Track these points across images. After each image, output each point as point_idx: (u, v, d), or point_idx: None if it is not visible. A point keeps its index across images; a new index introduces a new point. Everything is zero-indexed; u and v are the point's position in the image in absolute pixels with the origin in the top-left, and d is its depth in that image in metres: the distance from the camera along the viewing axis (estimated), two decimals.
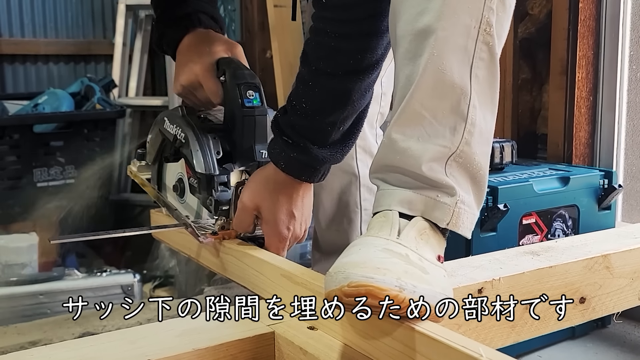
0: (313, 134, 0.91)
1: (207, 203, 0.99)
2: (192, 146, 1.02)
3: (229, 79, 1.03)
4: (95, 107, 2.21)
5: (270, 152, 0.94)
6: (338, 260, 0.72)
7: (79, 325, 1.40)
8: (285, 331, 0.79)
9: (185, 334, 0.79)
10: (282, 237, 0.96)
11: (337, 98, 0.89)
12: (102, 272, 1.68)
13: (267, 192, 0.95)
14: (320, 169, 0.94)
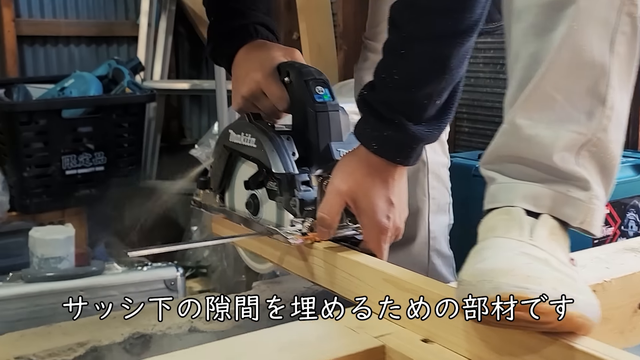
0: (408, 108, 0.81)
1: (290, 205, 0.90)
2: (266, 147, 0.93)
3: (294, 78, 0.96)
4: (125, 91, 2.11)
5: (359, 134, 0.84)
6: (471, 265, 0.64)
7: (128, 325, 1.31)
8: (398, 345, 0.70)
9: (287, 349, 0.70)
10: (382, 228, 0.85)
11: (433, 66, 0.79)
12: (143, 265, 1.59)
13: (361, 176, 0.84)
14: (417, 149, 0.84)
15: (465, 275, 0.62)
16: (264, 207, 0.99)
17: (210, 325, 1.38)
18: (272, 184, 0.93)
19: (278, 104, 0.98)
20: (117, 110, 2.10)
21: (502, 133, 0.74)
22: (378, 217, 0.84)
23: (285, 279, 1.61)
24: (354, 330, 0.74)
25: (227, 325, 1.40)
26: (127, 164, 2.18)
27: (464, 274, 0.63)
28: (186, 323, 1.35)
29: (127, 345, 1.28)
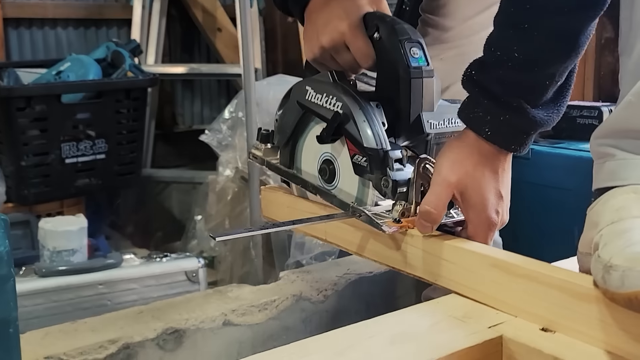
0: (528, 90, 0.73)
1: (381, 185, 0.81)
2: (356, 117, 0.83)
3: (386, 35, 0.86)
4: (126, 75, 2.01)
5: (468, 119, 0.76)
6: (620, 248, 0.58)
7: (158, 320, 1.24)
8: (516, 335, 0.65)
9: (397, 341, 0.64)
10: (492, 224, 0.78)
11: (562, 42, 0.71)
12: (162, 257, 1.51)
13: (472, 165, 0.76)
14: (532, 136, 0.77)
15: (617, 260, 0.56)
16: (341, 175, 0.89)
17: (244, 318, 1.31)
18: (361, 158, 0.84)
19: (362, 60, 0.89)
20: (119, 95, 2.00)
21: (627, 106, 0.69)
22: (488, 212, 0.77)
23: (314, 267, 1.55)
24: (461, 320, 0.69)
25: (262, 318, 1.33)
26: (129, 152, 2.09)
27: (614, 258, 0.57)
28: (219, 316, 1.28)
29: (160, 341, 1.20)
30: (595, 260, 0.60)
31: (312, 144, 0.94)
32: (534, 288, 0.67)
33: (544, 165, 1.30)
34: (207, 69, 2.47)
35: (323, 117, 0.89)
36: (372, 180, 0.83)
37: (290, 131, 0.96)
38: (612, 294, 0.56)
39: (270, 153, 1.02)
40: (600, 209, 0.69)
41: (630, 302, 0.54)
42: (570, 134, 1.38)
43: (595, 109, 1.39)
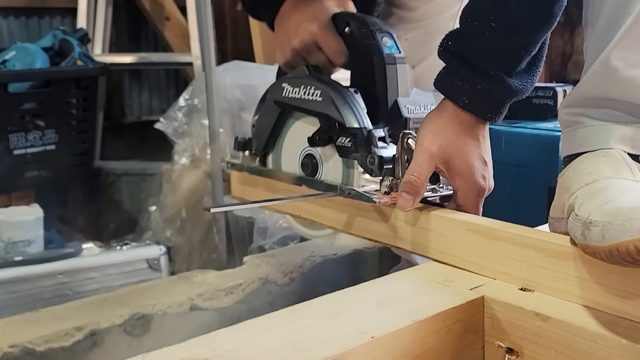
0: (504, 59, 0.75)
1: (367, 162, 0.83)
2: (336, 100, 0.85)
3: (357, 28, 0.88)
4: (75, 63, 1.96)
5: (446, 88, 0.78)
6: (599, 205, 0.60)
7: (124, 306, 1.22)
8: (497, 295, 0.67)
9: (384, 304, 0.65)
10: (480, 189, 0.79)
11: (538, 12, 0.73)
12: (123, 245, 1.49)
13: (453, 134, 0.77)
14: (507, 105, 0.79)
15: (596, 215, 0.59)
16: (325, 167, 0.91)
17: (211, 302, 1.31)
18: (345, 139, 0.86)
19: (335, 57, 0.91)
20: (69, 84, 1.94)
21: (593, 75, 0.71)
22: (475, 178, 0.79)
23: (278, 251, 1.55)
24: (442, 283, 0.71)
25: (229, 301, 1.33)
26: (80, 142, 2.04)
27: (593, 214, 0.60)
28: (186, 301, 1.28)
29: (127, 327, 1.19)
30: (573, 220, 0.63)
31: (292, 141, 0.95)
32: (512, 250, 0.69)
33: (503, 144, 1.34)
34: (157, 57, 2.43)
35: (304, 109, 0.90)
36: (357, 159, 0.84)
37: (269, 132, 0.97)
38: (592, 248, 0.58)
39: (250, 160, 1.02)
40: (571, 174, 0.71)
41: (612, 255, 0.56)
42: (527, 113, 1.42)
43: (550, 89, 1.44)
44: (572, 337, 0.59)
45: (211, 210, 0.78)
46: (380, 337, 0.59)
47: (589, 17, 0.76)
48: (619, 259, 0.56)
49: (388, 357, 0.59)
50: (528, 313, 0.63)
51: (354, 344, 0.57)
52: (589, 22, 0.76)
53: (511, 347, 0.65)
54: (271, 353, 0.56)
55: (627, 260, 0.55)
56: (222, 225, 1.49)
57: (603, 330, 0.58)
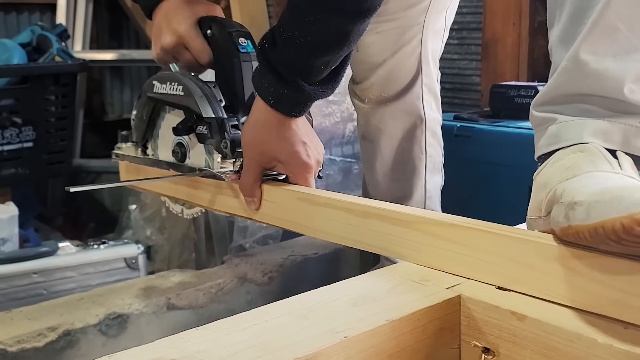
0: (306, 71, 0.84)
1: (221, 146, 0.94)
2: (194, 94, 0.96)
3: (217, 30, 0.98)
4: (54, 59, 1.93)
5: (257, 87, 0.87)
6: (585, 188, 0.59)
7: (100, 305, 1.20)
8: (474, 294, 0.66)
9: (360, 303, 0.64)
10: (308, 167, 0.90)
11: (337, 37, 0.81)
12: (100, 244, 1.46)
13: (266, 136, 0.88)
14: (310, 104, 0.89)
15: (581, 197, 0.57)
16: (191, 154, 1.03)
17: (188, 301, 1.29)
18: (202, 128, 0.97)
19: (200, 57, 0.99)
20: (47, 80, 1.91)
21: (563, 71, 0.71)
22: (301, 158, 0.89)
23: (258, 250, 1.54)
24: (419, 282, 0.70)
25: (206, 301, 1.32)
26: (59, 140, 2.01)
27: (577, 196, 0.58)
28: (163, 301, 1.26)
29: (102, 327, 1.17)
30: (557, 207, 0.62)
31: (165, 132, 1.06)
32: (489, 248, 0.68)
33: (485, 143, 1.34)
34: (139, 55, 2.41)
35: (170, 103, 1.02)
36: (212, 144, 0.95)
37: (146, 125, 1.08)
38: (575, 228, 0.56)
39: (131, 150, 1.14)
40: (548, 171, 0.70)
41: (596, 233, 0.54)
42: (509, 113, 1.42)
43: (531, 89, 1.44)
44: (548, 337, 0.58)
45: (71, 189, 0.85)
46: (353, 336, 0.58)
47: (551, 16, 0.76)
48: (604, 237, 0.54)
49: (361, 356, 0.58)
50: (504, 312, 0.62)
51: (326, 344, 0.56)
52: (552, 21, 0.77)
53: (487, 346, 0.64)
54: (241, 353, 0.54)
55: (612, 239, 0.53)
56: (201, 224, 1.47)
57: (579, 329, 0.57)
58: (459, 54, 2.02)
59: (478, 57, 1.94)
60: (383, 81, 1.19)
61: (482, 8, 1.90)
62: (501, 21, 1.80)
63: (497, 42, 1.83)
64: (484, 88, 1.85)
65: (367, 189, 1.26)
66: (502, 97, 1.47)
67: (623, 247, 0.54)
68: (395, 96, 1.20)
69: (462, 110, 1.87)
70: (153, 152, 1.11)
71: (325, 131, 1.69)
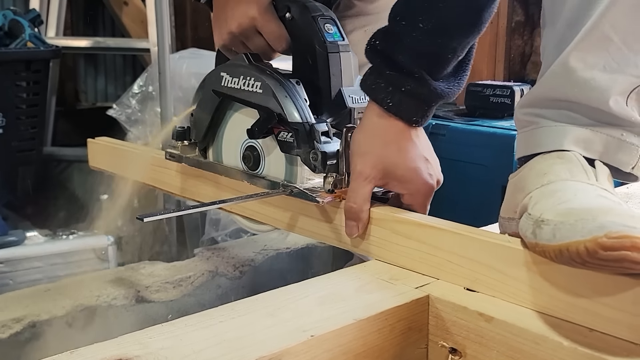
0: (431, 61, 0.73)
1: (310, 158, 0.79)
2: (277, 93, 0.81)
3: (299, 14, 0.85)
4: (26, 45, 1.89)
5: (370, 89, 0.75)
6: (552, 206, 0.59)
7: (67, 297, 1.18)
8: (442, 294, 0.66)
9: (326, 302, 0.64)
10: (429, 189, 0.77)
11: (468, 16, 0.72)
12: (69, 234, 1.44)
13: (382, 148, 0.75)
14: (433, 108, 0.77)
15: (549, 215, 0.58)
16: (267, 162, 0.88)
17: (158, 295, 1.28)
18: (286, 134, 0.82)
19: (275, 43, 0.88)
20: (18, 66, 1.88)
21: (551, 76, 0.70)
22: (422, 179, 0.77)
23: (230, 244, 1.52)
24: (388, 281, 0.70)
25: (176, 294, 1.30)
26: (29, 127, 1.97)
27: (545, 214, 0.59)
28: (133, 293, 1.24)
29: (69, 319, 1.15)
30: (525, 218, 0.62)
31: (233, 132, 0.92)
32: (458, 250, 0.68)
33: (459, 141, 1.34)
34: (114, 43, 2.37)
35: (243, 100, 0.87)
36: (300, 155, 0.81)
37: (208, 122, 0.93)
38: (542, 247, 0.57)
39: (188, 150, 0.98)
40: (526, 174, 0.70)
41: (561, 254, 0.55)
42: (484, 112, 1.42)
43: (507, 88, 1.44)
44: (515, 338, 0.59)
45: (145, 219, 0.70)
46: (320, 335, 0.57)
47: (547, 17, 0.75)
48: (568, 259, 0.55)
49: (327, 355, 0.57)
50: (472, 313, 0.63)
51: (292, 343, 0.55)
52: (547, 22, 0.75)
53: (455, 346, 0.64)
54: (205, 351, 0.54)
55: (577, 261, 0.55)
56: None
57: (545, 332, 0.57)
58: None
59: None
60: None
61: None
62: None
63: None
64: None
65: None
66: (477, 96, 1.47)
67: (587, 268, 0.56)
68: None
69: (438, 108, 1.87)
70: (215, 154, 0.96)
71: None
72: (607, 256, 0.52)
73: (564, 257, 0.55)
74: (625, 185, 1.06)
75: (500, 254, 0.65)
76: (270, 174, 0.87)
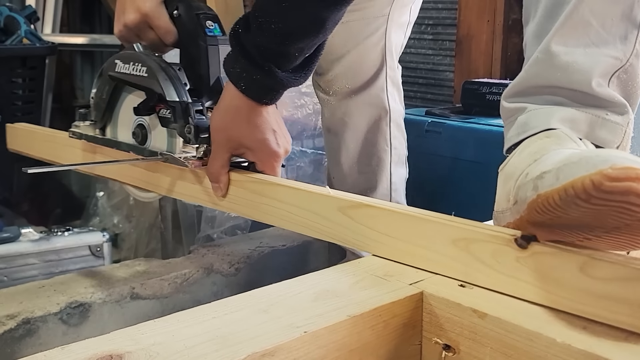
0: (279, 58, 0.83)
1: (185, 132, 0.93)
2: (158, 76, 0.94)
3: (184, 11, 0.97)
4: (22, 42, 1.89)
5: (228, 71, 0.86)
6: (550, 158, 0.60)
7: (61, 294, 1.18)
8: (436, 290, 0.66)
9: (321, 298, 0.64)
10: (276, 156, 0.89)
11: (312, 25, 0.80)
12: (64, 230, 1.44)
13: (236, 122, 0.87)
14: (282, 92, 0.88)
15: (548, 167, 0.57)
16: (152, 136, 1.01)
17: (152, 291, 1.27)
18: (165, 111, 0.95)
19: (165, 37, 0.97)
20: (14, 63, 1.87)
21: (534, 63, 0.72)
22: (271, 147, 0.88)
23: (225, 241, 1.52)
24: (382, 278, 0.69)
25: (171, 291, 1.30)
26: None
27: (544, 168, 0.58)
28: (127, 290, 1.24)
29: (63, 316, 1.15)
30: (524, 184, 0.62)
31: (126, 112, 1.05)
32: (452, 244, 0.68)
33: (455, 139, 1.34)
34: (110, 40, 2.36)
35: (133, 84, 0.99)
36: (176, 129, 0.94)
37: (105, 104, 1.06)
38: (545, 195, 0.56)
39: (89, 129, 1.11)
40: (516, 160, 0.71)
41: (566, 194, 0.53)
42: (480, 109, 1.42)
43: (503, 86, 1.43)
44: (508, 335, 0.58)
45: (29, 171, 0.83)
46: (313, 332, 0.57)
47: (528, 13, 0.78)
48: (573, 197, 0.53)
49: (321, 351, 0.57)
50: (465, 309, 0.62)
51: (285, 339, 0.55)
52: (527, 17, 0.78)
53: (448, 343, 0.64)
54: (197, 347, 0.53)
55: (582, 197, 0.53)
56: (168, 213, 1.45)
57: (538, 328, 0.57)
58: (434, 49, 2.02)
59: (452, 53, 1.94)
60: (347, 72, 1.19)
61: (457, 4, 1.90)
62: (475, 18, 1.80)
63: (471, 39, 1.84)
64: (457, 84, 1.85)
65: (332, 182, 1.25)
66: (473, 94, 1.47)
67: (593, 206, 0.53)
68: (360, 88, 1.20)
69: (435, 105, 1.87)
70: (112, 132, 1.09)
71: (297, 123, 1.68)
72: (613, 187, 0.51)
73: (569, 196, 0.53)
74: None
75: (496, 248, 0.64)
76: (156, 146, 1.00)
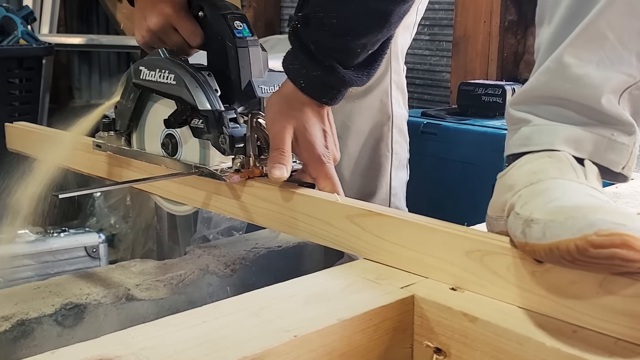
0: (341, 53, 0.80)
1: (219, 142, 0.87)
2: (188, 84, 0.89)
3: (210, 12, 0.93)
4: (18, 42, 1.89)
5: (288, 68, 0.83)
6: (542, 205, 0.60)
7: (57, 295, 1.18)
8: (427, 294, 0.66)
9: (313, 301, 0.64)
10: (321, 158, 0.84)
11: (375, 19, 0.78)
12: (60, 231, 1.44)
13: (296, 112, 0.82)
14: (343, 92, 0.84)
15: (538, 214, 0.58)
16: (184, 148, 0.96)
17: (148, 292, 1.27)
18: (197, 121, 0.90)
19: (191, 39, 0.94)
20: (10, 63, 1.87)
21: (545, 71, 0.70)
22: (317, 148, 0.83)
23: (221, 242, 1.52)
24: (374, 281, 0.69)
25: (167, 292, 1.30)
26: None
27: (535, 213, 0.58)
28: (123, 291, 1.24)
29: (58, 317, 1.15)
30: (513, 218, 0.62)
31: (153, 122, 0.99)
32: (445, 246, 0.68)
33: (450, 140, 1.34)
34: (108, 40, 2.37)
35: (159, 92, 0.94)
36: (210, 139, 0.89)
37: (130, 113, 1.01)
38: (532, 246, 0.57)
39: (114, 140, 1.06)
40: (515, 173, 0.70)
41: (551, 253, 0.55)
42: (476, 111, 1.42)
43: (499, 88, 1.44)
44: (498, 339, 0.59)
45: (60, 196, 0.79)
46: (303, 336, 0.57)
47: (543, 15, 0.75)
48: (559, 257, 0.55)
49: (311, 356, 0.57)
50: (456, 313, 0.62)
51: (275, 343, 0.55)
52: (545, 19, 0.75)
53: (439, 347, 0.64)
54: (187, 351, 0.54)
55: (567, 259, 0.54)
56: (165, 213, 1.45)
57: (528, 332, 0.57)
58: (430, 50, 2.03)
59: (449, 54, 1.94)
60: None
61: (454, 5, 1.90)
62: (472, 19, 1.80)
63: (468, 40, 1.84)
64: (454, 85, 1.85)
65: None
66: (469, 95, 1.47)
67: (578, 266, 0.55)
68: (363, 92, 1.20)
69: (432, 106, 1.88)
70: (139, 142, 1.03)
71: None
72: (598, 254, 0.52)
73: (554, 255, 0.55)
74: (614, 185, 1.06)
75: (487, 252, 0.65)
76: (187, 159, 0.95)
